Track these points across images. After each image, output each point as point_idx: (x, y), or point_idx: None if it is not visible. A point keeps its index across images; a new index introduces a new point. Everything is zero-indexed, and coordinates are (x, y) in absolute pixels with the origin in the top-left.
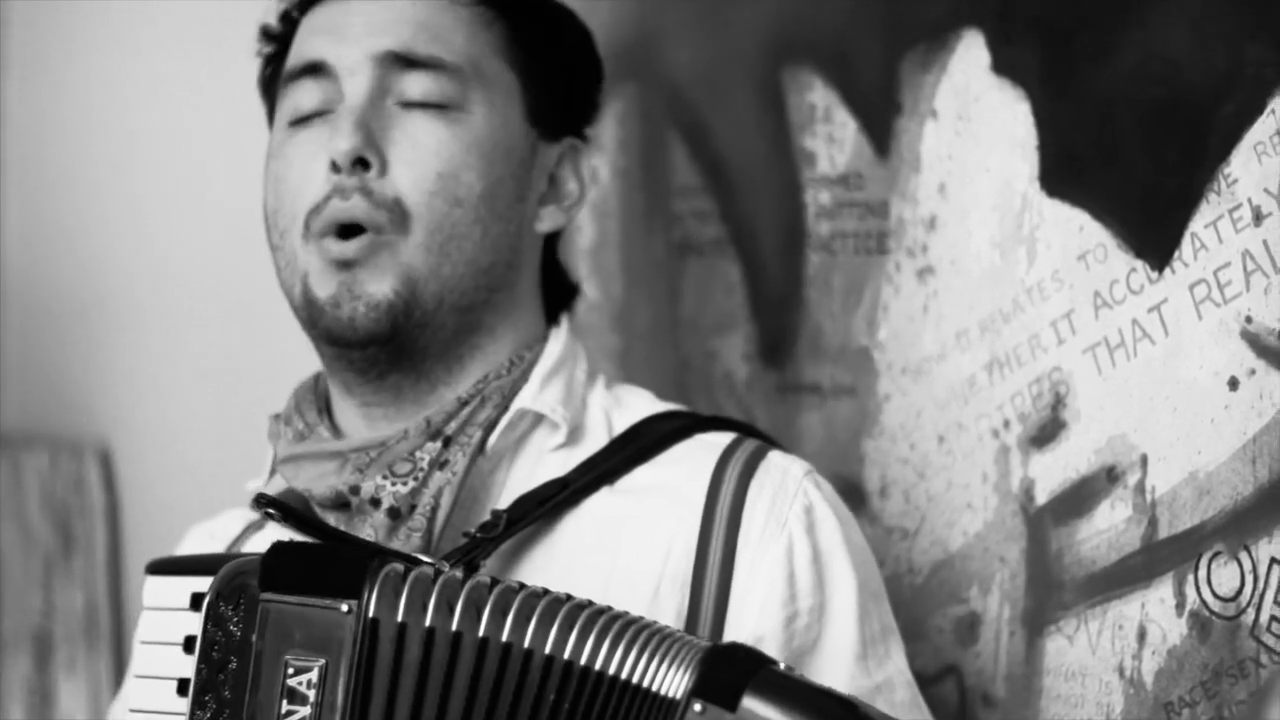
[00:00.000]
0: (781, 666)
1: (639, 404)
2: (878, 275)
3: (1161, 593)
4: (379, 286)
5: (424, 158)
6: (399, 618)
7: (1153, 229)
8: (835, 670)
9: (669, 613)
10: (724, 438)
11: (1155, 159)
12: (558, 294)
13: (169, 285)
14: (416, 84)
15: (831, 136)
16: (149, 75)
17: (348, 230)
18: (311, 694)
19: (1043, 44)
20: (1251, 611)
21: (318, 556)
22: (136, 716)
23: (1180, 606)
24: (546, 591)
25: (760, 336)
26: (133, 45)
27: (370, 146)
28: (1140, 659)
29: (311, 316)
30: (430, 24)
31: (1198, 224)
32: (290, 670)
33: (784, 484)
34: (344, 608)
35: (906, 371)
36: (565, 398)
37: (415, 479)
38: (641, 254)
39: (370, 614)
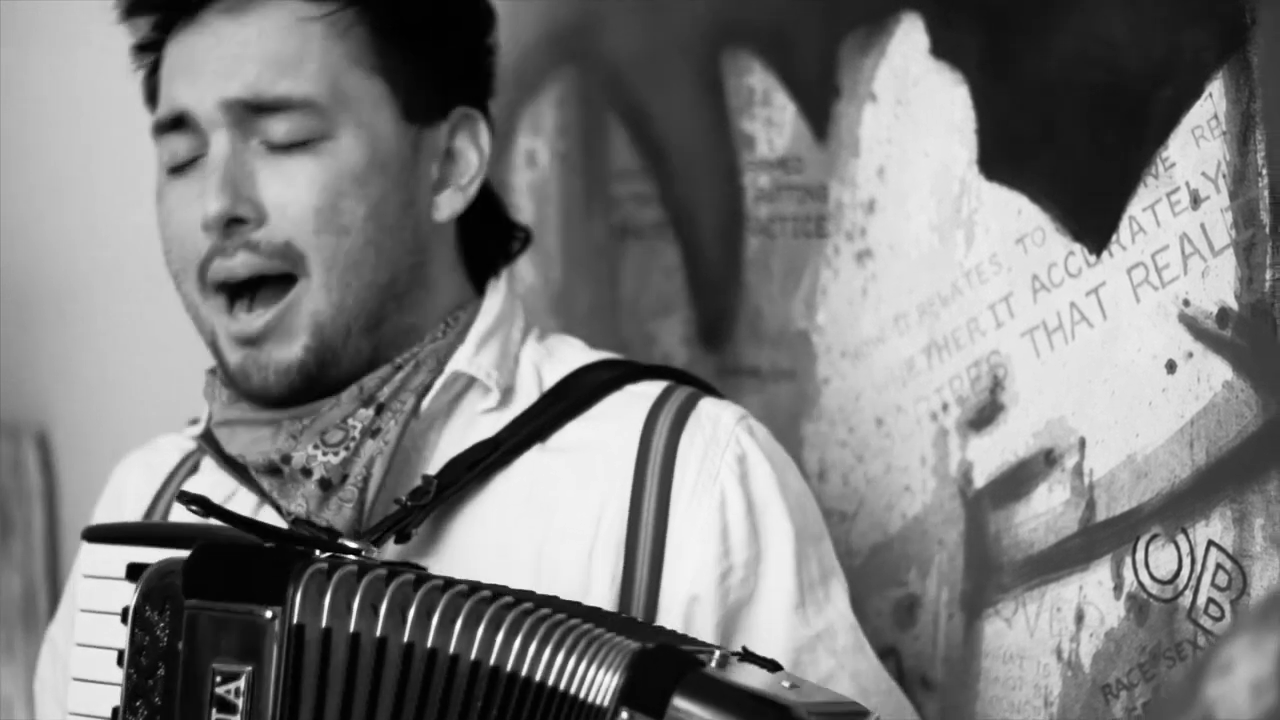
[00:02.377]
0: (713, 663)
1: (570, 355)
2: (816, 259)
3: (1099, 575)
4: (286, 352)
5: (299, 196)
6: (323, 623)
7: (1091, 213)
8: (773, 622)
9: (604, 576)
10: (655, 388)
11: (1094, 143)
12: (493, 244)
13: (106, 269)
14: (276, 127)
15: (770, 120)
16: (92, 65)
17: (246, 285)
18: (240, 702)
19: (982, 28)
20: (1189, 594)
21: (241, 560)
22: (78, 685)
23: (1118, 589)
24: (473, 589)
25: (699, 319)
26: (79, 36)
27: (241, 201)
28: (1078, 641)
29: (225, 377)
30: (280, 56)
31: (1136, 208)
32: (218, 678)
33: (715, 435)
34: (268, 614)
35: (845, 355)
36: (500, 360)
37: (347, 448)
38: (581, 237)
39: (295, 620)
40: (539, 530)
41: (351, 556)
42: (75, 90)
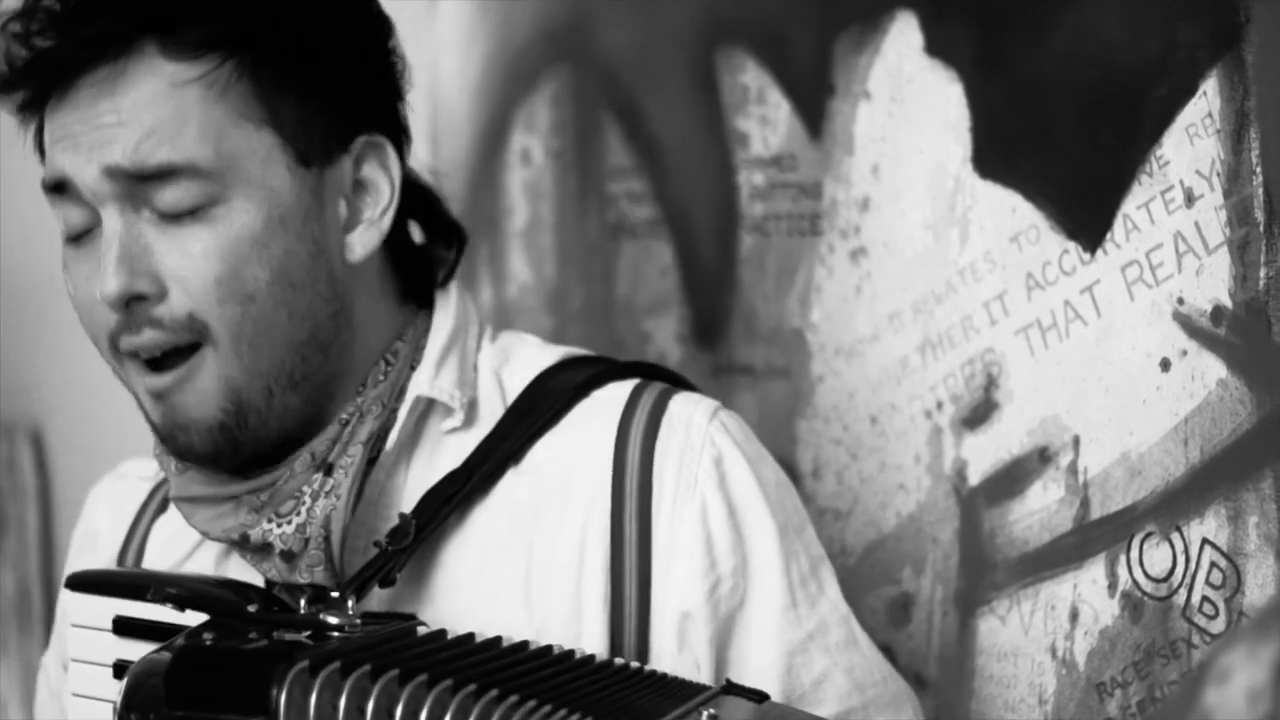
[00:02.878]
0: None
1: (528, 355)
2: (811, 257)
3: (1093, 573)
4: (204, 411)
5: (198, 268)
6: None
7: (1085, 210)
8: (764, 625)
9: (595, 600)
10: (623, 391)
11: (1088, 141)
12: (430, 256)
13: None
14: (163, 196)
15: (765, 118)
16: None
17: (157, 361)
18: None
19: (976, 25)
20: (1183, 592)
21: (223, 664)
22: None
23: (1112, 587)
24: (459, 684)
25: (694, 318)
26: None
27: (138, 277)
28: (1072, 639)
29: (155, 434)
30: (157, 124)
31: (1130, 205)
32: None
33: (689, 439)
34: None
35: (839, 353)
36: (460, 377)
37: (298, 514)
38: (575, 235)
39: None
40: (524, 561)
41: (335, 634)
42: None
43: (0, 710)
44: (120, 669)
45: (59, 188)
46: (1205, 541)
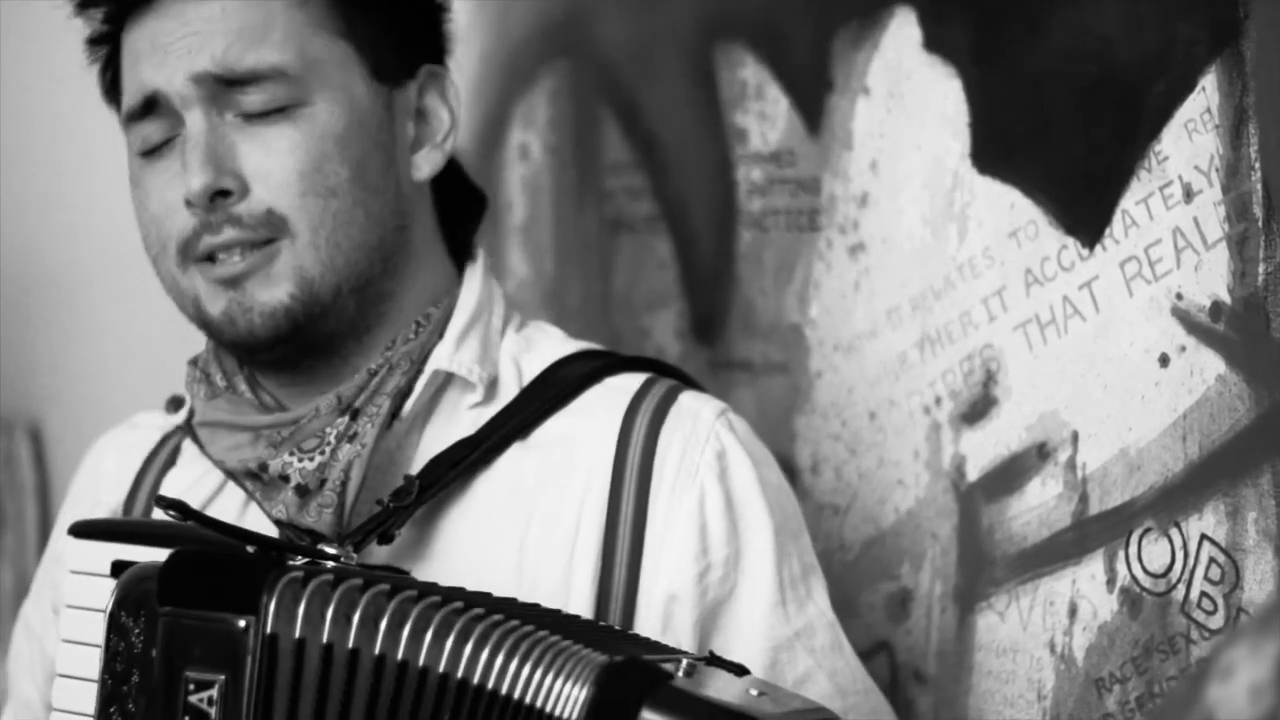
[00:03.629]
0: (681, 672)
1: (549, 345)
2: (809, 252)
3: (1092, 569)
4: (271, 294)
5: (282, 163)
6: (297, 633)
7: (1084, 206)
8: (752, 620)
9: (585, 574)
10: (634, 381)
11: (1086, 136)
12: (462, 220)
13: (100, 263)
14: (249, 98)
15: (763, 113)
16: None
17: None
18: (212, 711)
19: (974, 21)
20: (1182, 588)
21: (216, 567)
22: (64, 682)
23: (1111, 583)
24: (446, 600)
25: (692, 313)
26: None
27: (223, 175)
28: (1071, 635)
29: (210, 334)
30: (245, 28)
31: (1129, 201)
32: (191, 686)
33: (695, 430)
34: (241, 623)
35: (838, 348)
36: (481, 353)
37: (322, 453)
38: (573, 231)
39: (269, 629)
40: (520, 530)
41: (330, 563)
42: (70, 87)
43: (1, 701)
44: (118, 568)
45: (147, 106)
46: (1204, 537)
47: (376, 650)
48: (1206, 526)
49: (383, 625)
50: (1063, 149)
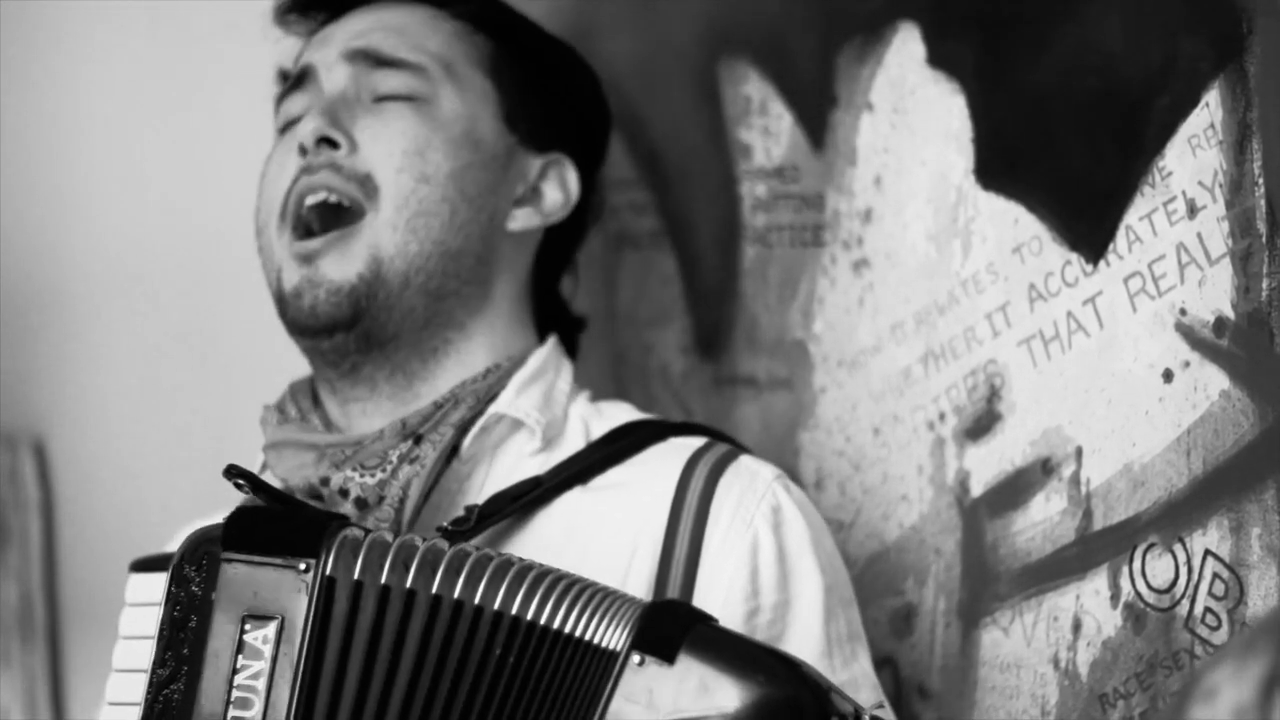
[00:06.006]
0: (719, 623)
1: (619, 414)
2: (813, 268)
3: (1096, 584)
4: (342, 272)
5: (391, 136)
6: (355, 576)
7: (1087, 222)
8: None
9: None
10: (696, 440)
11: (1090, 152)
12: (553, 321)
13: (105, 279)
14: (386, 80)
15: (767, 129)
16: (93, 72)
17: (319, 217)
18: (267, 649)
19: (978, 37)
20: (1186, 603)
21: (280, 519)
22: (112, 710)
23: (1115, 598)
24: (500, 554)
25: (696, 329)
26: (80, 43)
27: (336, 127)
28: (1075, 650)
29: (281, 309)
30: (407, 30)
31: (1132, 217)
32: (247, 626)
33: (753, 485)
34: (301, 566)
35: (842, 364)
36: (543, 404)
37: (383, 470)
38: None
39: (327, 572)
40: (575, 565)
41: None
42: (76, 98)
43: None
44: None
45: (298, 80)
46: (1208, 553)
47: (433, 591)
48: (1210, 542)
49: (440, 571)
50: (1066, 164)
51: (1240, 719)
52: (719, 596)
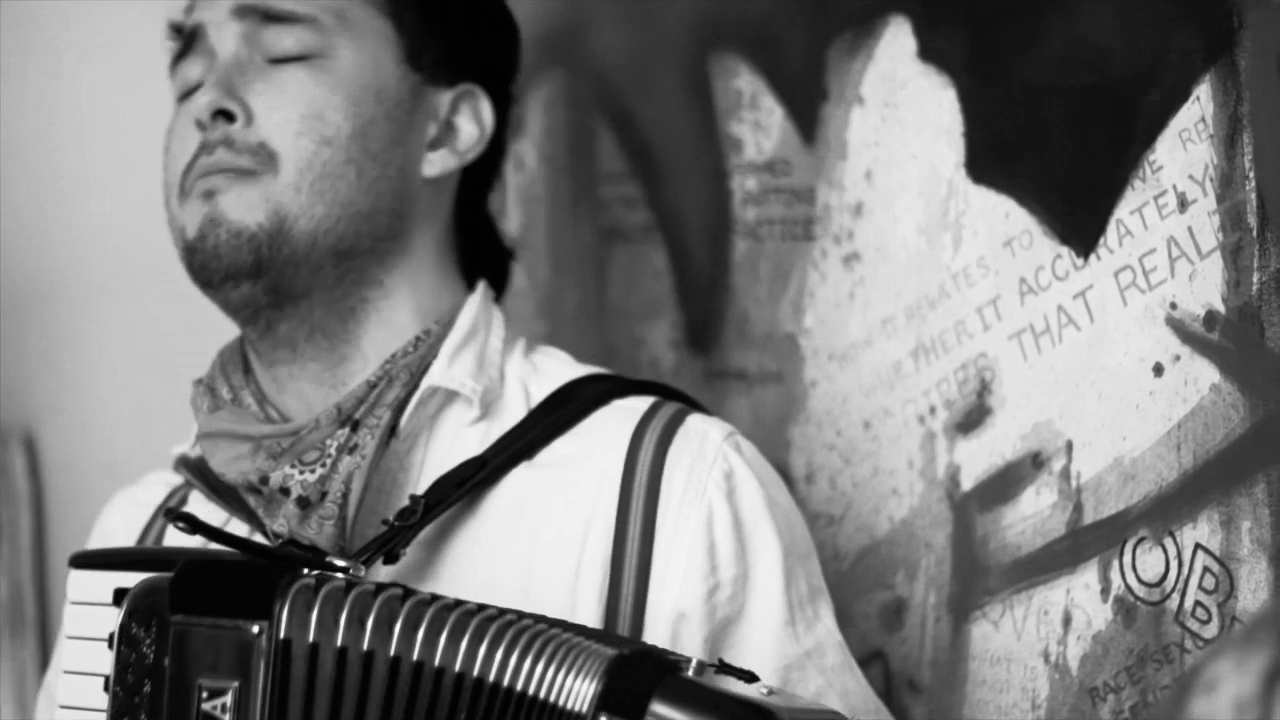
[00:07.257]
0: (690, 670)
1: (556, 369)
2: (804, 262)
3: (1086, 578)
4: (242, 215)
5: (287, 101)
6: (310, 637)
7: (1078, 216)
8: (762, 639)
9: (591, 593)
10: (642, 403)
11: (1081, 146)
12: (483, 260)
13: (93, 271)
14: (279, 39)
15: (758, 123)
16: (89, 68)
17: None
18: (226, 717)
19: (969, 31)
20: (1176, 597)
21: (228, 574)
22: (66, 713)
23: (1105, 592)
24: (458, 603)
25: (687, 323)
26: (78, 40)
27: (231, 98)
28: (1065, 644)
29: (188, 261)
30: None
31: (1123, 210)
32: (204, 694)
33: (702, 450)
34: (255, 629)
35: (833, 358)
36: (476, 370)
37: (323, 465)
38: (568, 240)
39: (282, 634)
40: (527, 549)
41: (339, 575)
42: (71, 94)
43: None
44: (120, 596)
45: (189, 41)
46: (1198, 546)
47: (391, 652)
48: (1201, 536)
49: (397, 627)
50: (1057, 158)
51: (1241, 712)
52: (677, 576)
